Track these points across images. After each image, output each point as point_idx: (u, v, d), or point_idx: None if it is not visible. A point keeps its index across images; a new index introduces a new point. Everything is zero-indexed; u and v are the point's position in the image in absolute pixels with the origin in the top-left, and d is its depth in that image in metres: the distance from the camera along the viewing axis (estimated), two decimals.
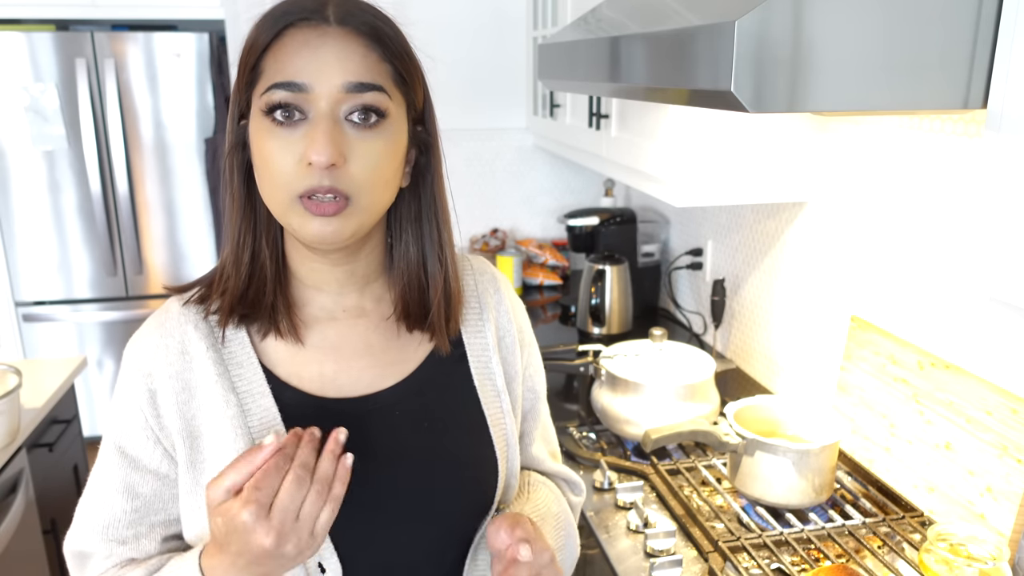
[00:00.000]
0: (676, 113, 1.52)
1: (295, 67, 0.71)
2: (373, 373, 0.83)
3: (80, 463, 2.17)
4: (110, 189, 3.30)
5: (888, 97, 0.80)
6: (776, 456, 1.28)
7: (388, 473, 0.80)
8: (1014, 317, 0.79)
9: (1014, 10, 0.76)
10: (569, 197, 3.02)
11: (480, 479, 0.85)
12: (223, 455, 0.77)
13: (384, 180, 0.75)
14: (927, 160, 1.32)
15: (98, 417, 3.53)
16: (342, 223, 0.73)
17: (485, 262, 0.96)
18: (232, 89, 0.78)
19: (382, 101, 0.73)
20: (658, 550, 1.24)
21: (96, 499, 0.83)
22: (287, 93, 0.71)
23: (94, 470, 0.84)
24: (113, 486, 0.81)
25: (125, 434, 0.80)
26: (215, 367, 0.78)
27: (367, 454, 0.77)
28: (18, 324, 3.38)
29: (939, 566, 1.07)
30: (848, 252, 1.56)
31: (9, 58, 3.10)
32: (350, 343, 0.83)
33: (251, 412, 0.78)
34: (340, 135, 0.71)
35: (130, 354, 0.82)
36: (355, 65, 0.72)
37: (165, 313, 0.82)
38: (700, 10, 0.88)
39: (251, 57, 0.74)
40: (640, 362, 1.66)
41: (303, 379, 0.81)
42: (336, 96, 0.71)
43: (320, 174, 0.70)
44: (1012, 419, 1.17)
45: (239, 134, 0.78)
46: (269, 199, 0.75)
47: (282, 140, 0.71)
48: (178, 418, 0.78)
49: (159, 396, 0.78)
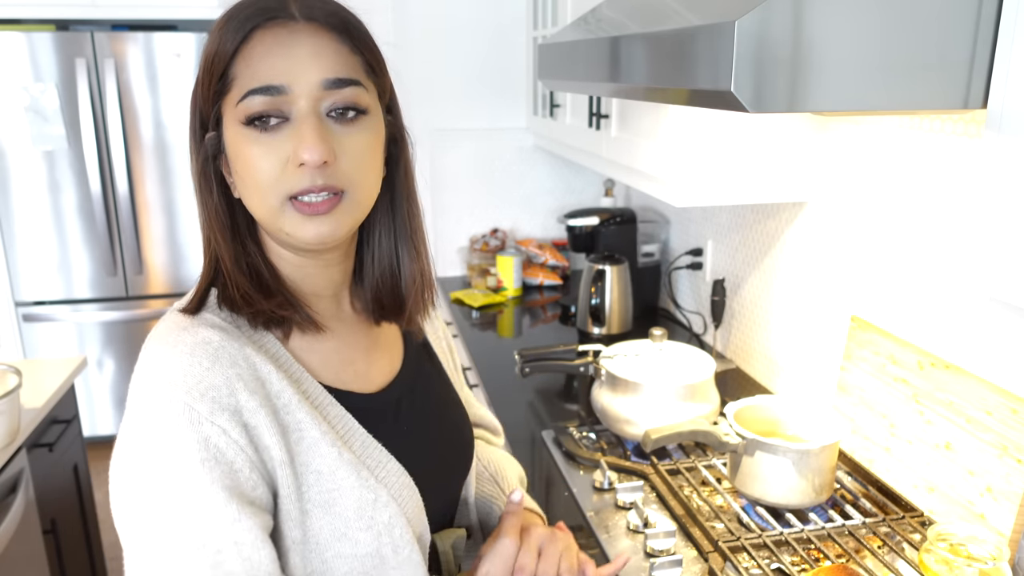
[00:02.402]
0: (676, 113, 1.52)
1: (270, 69, 0.69)
2: (384, 363, 0.87)
3: (80, 463, 2.17)
4: (110, 189, 3.30)
5: (888, 97, 0.80)
6: (776, 456, 1.28)
7: (437, 432, 0.89)
8: (1014, 317, 0.79)
9: (1014, 10, 0.76)
10: (569, 197, 3.02)
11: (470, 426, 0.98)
12: (327, 472, 0.73)
13: (372, 171, 0.76)
14: (927, 160, 1.32)
15: (98, 417, 3.54)
16: (338, 219, 0.72)
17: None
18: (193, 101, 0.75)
19: (360, 97, 0.73)
20: (658, 550, 1.24)
21: (229, 563, 0.66)
22: (265, 98, 0.69)
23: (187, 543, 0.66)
24: (253, 536, 0.67)
25: (235, 482, 0.67)
26: (292, 387, 0.74)
27: (421, 425, 0.87)
28: (18, 324, 3.38)
29: (939, 566, 1.07)
30: (848, 252, 1.56)
31: (9, 58, 3.10)
32: (361, 338, 0.85)
33: (334, 423, 0.77)
34: (327, 132, 0.71)
35: (195, 402, 0.67)
36: (330, 61, 0.71)
37: (208, 345, 0.70)
38: (700, 10, 0.88)
39: (218, 65, 0.71)
40: (640, 362, 1.66)
41: (345, 381, 0.81)
42: (315, 94, 0.70)
43: (312, 173, 0.70)
44: (1012, 419, 1.17)
45: (210, 147, 0.74)
46: (257, 207, 0.73)
47: (265, 145, 0.70)
48: (278, 448, 0.70)
49: (254, 431, 0.69)
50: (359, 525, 0.74)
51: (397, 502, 0.78)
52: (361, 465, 0.76)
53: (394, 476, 0.79)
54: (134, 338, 3.49)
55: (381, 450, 0.80)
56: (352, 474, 0.75)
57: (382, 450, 0.80)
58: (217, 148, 0.75)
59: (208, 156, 0.75)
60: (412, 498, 0.80)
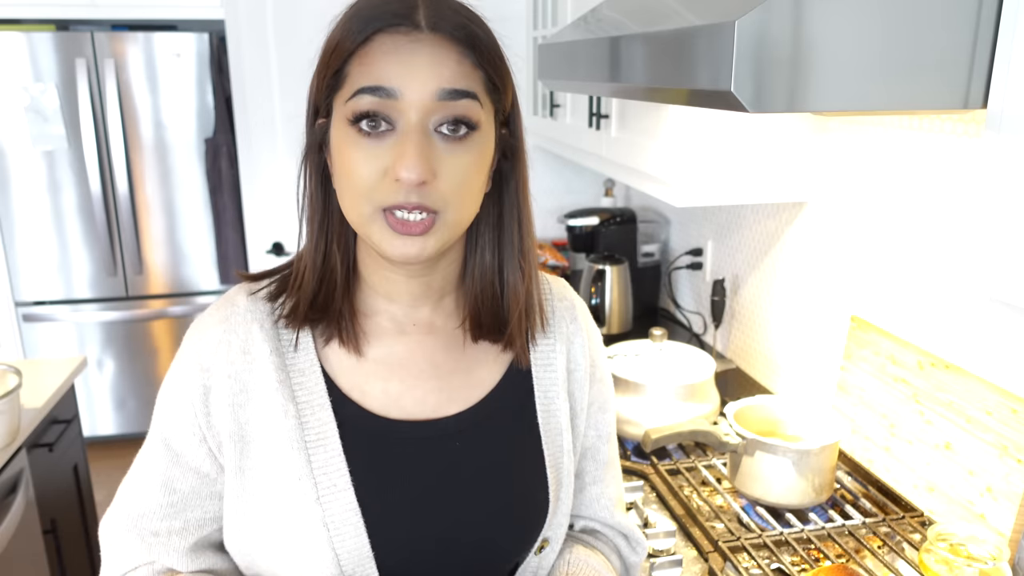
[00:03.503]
0: (676, 113, 1.52)
1: (384, 72, 0.67)
2: (439, 397, 0.79)
3: (80, 463, 2.17)
4: (110, 189, 3.30)
5: (888, 97, 0.80)
6: (776, 456, 1.28)
7: (439, 502, 0.78)
8: (1014, 317, 0.79)
9: (1014, 10, 0.76)
10: (569, 197, 3.02)
11: (529, 518, 0.83)
12: (275, 465, 0.74)
13: (472, 193, 0.72)
14: (927, 160, 1.32)
15: (98, 417, 3.53)
16: (428, 241, 0.69)
17: (566, 286, 0.91)
18: (310, 86, 0.74)
19: (474, 111, 0.69)
20: (658, 550, 1.24)
21: (134, 487, 0.80)
22: (374, 99, 0.67)
23: (139, 456, 0.81)
24: (152, 477, 0.78)
25: (172, 427, 0.77)
26: (277, 373, 0.75)
27: (421, 480, 0.77)
28: (18, 324, 3.38)
29: (939, 566, 1.07)
30: (848, 252, 1.56)
31: (9, 58, 3.10)
32: (417, 361, 0.79)
33: (308, 424, 0.75)
34: (430, 150, 0.67)
35: (189, 345, 0.77)
36: (449, 72, 0.68)
37: (231, 306, 0.77)
38: (700, 10, 0.88)
39: (335, 60, 0.70)
40: (640, 362, 1.66)
41: (365, 394, 0.77)
42: (428, 105, 0.67)
43: (408, 190, 0.67)
44: (1012, 419, 1.17)
45: (317, 135, 0.74)
46: (349, 209, 0.71)
47: (367, 151, 0.68)
48: (231, 420, 0.75)
49: (213, 394, 0.75)
50: (286, 532, 0.74)
51: (329, 533, 0.73)
52: (308, 476, 0.73)
53: (339, 507, 0.74)
54: (134, 338, 3.49)
55: (343, 475, 0.74)
56: (293, 478, 0.74)
57: (344, 475, 0.74)
58: (324, 137, 0.73)
59: (313, 143, 0.75)
60: (355, 543, 0.74)
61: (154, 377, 3.56)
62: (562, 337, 0.86)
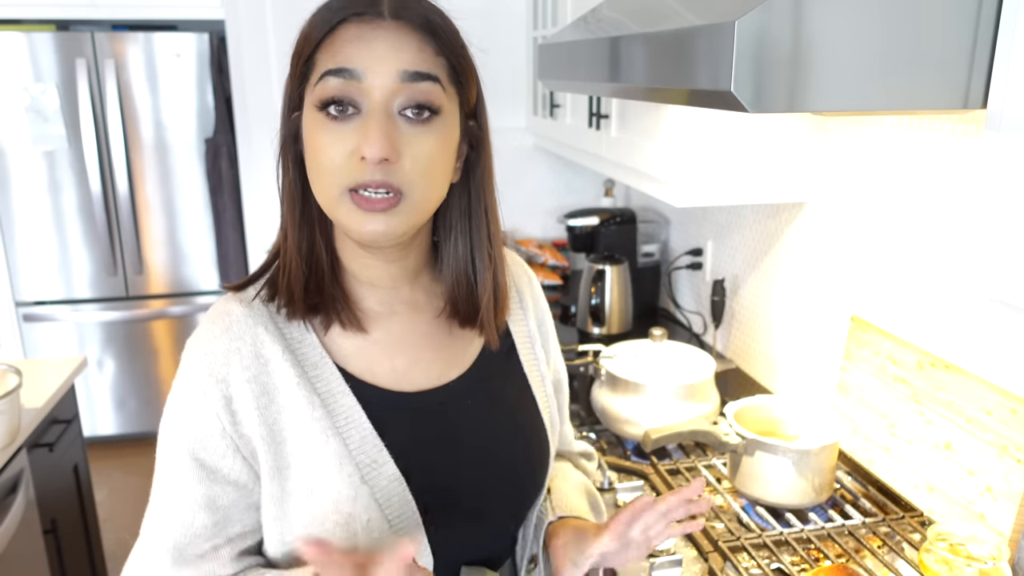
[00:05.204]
0: (676, 113, 1.52)
1: (348, 55, 0.71)
2: (439, 366, 0.85)
3: (80, 463, 2.17)
4: (110, 189, 3.31)
5: (888, 97, 0.80)
6: (776, 456, 1.28)
7: (467, 456, 0.84)
8: (1014, 317, 0.79)
9: (1014, 10, 0.76)
10: (569, 197, 3.02)
11: (540, 455, 0.91)
12: (311, 457, 0.76)
13: (437, 176, 0.75)
14: (927, 160, 1.32)
15: (98, 417, 3.54)
16: (393, 220, 0.72)
17: (512, 253, 0.98)
18: (285, 82, 0.78)
19: (436, 95, 0.73)
20: (658, 550, 1.24)
21: (170, 518, 0.77)
22: (339, 81, 0.70)
23: (162, 489, 0.78)
24: (191, 501, 0.76)
25: (201, 444, 0.76)
26: (294, 369, 0.77)
27: (448, 440, 0.83)
28: (18, 324, 3.38)
29: (939, 566, 1.07)
30: (848, 252, 1.56)
31: (9, 58, 3.10)
32: (413, 336, 0.84)
33: (336, 412, 0.77)
34: (394, 130, 0.71)
35: (195, 363, 0.77)
36: (410, 55, 0.72)
37: (228, 316, 0.78)
38: (700, 10, 0.88)
39: (305, 50, 0.74)
40: (640, 362, 1.66)
41: (376, 374, 0.81)
42: (390, 86, 0.71)
43: (372, 168, 0.70)
44: (1012, 419, 1.17)
45: (291, 126, 0.78)
46: (319, 193, 0.74)
47: (334, 134, 0.71)
48: (259, 424, 0.75)
49: (236, 402, 0.75)
50: (336, 519, 0.75)
51: (380, 506, 0.76)
52: (348, 459, 0.76)
53: (385, 480, 0.77)
54: (134, 338, 3.50)
55: (381, 450, 0.77)
56: (334, 466, 0.75)
57: (382, 450, 0.78)
58: (298, 129, 0.76)
59: (288, 135, 0.78)
60: (402, 508, 0.77)
61: (154, 377, 3.56)
62: (525, 296, 0.95)
